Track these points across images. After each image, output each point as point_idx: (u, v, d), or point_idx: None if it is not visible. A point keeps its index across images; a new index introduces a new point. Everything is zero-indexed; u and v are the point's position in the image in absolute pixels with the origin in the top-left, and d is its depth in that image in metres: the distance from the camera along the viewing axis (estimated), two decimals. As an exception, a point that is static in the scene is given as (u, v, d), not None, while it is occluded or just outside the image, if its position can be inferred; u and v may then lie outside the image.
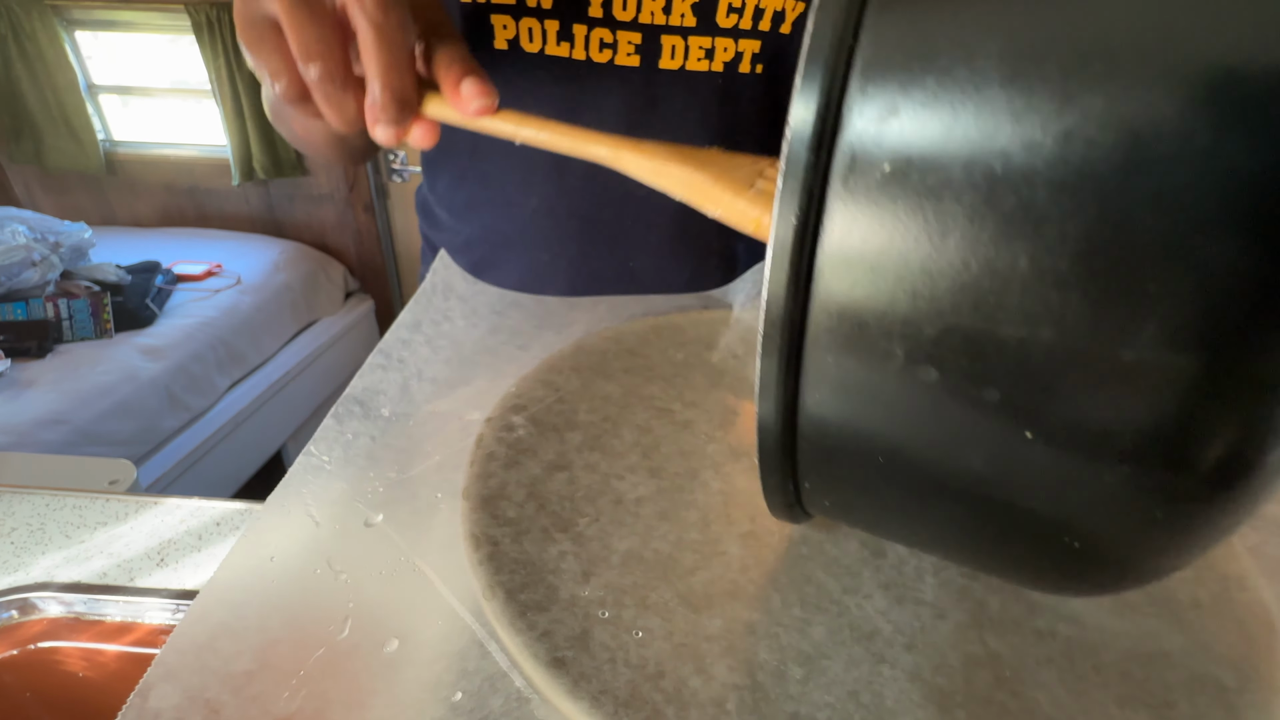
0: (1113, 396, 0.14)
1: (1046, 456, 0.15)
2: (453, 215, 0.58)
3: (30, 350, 1.50)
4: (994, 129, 0.14)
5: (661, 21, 0.47)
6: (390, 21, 0.28)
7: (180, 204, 2.31)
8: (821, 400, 0.18)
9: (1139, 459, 0.14)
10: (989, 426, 0.16)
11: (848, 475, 0.19)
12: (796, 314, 0.17)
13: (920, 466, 0.17)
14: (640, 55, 0.48)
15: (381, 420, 0.36)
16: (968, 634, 0.26)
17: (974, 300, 0.15)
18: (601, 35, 0.47)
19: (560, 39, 0.47)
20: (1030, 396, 0.15)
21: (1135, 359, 0.14)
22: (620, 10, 0.46)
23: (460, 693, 0.24)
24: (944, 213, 0.15)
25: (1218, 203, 0.12)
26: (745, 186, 0.29)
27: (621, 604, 0.27)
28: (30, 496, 0.50)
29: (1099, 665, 0.25)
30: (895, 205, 0.15)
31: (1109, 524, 0.16)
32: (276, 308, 1.90)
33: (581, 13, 0.46)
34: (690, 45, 0.48)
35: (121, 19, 2.09)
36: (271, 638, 0.26)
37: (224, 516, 0.49)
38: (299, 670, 0.25)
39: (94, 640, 0.42)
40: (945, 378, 0.15)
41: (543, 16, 0.46)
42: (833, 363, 0.17)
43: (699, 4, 0.47)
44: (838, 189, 0.16)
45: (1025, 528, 0.17)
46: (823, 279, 0.16)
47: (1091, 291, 0.14)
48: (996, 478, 0.16)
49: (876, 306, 0.16)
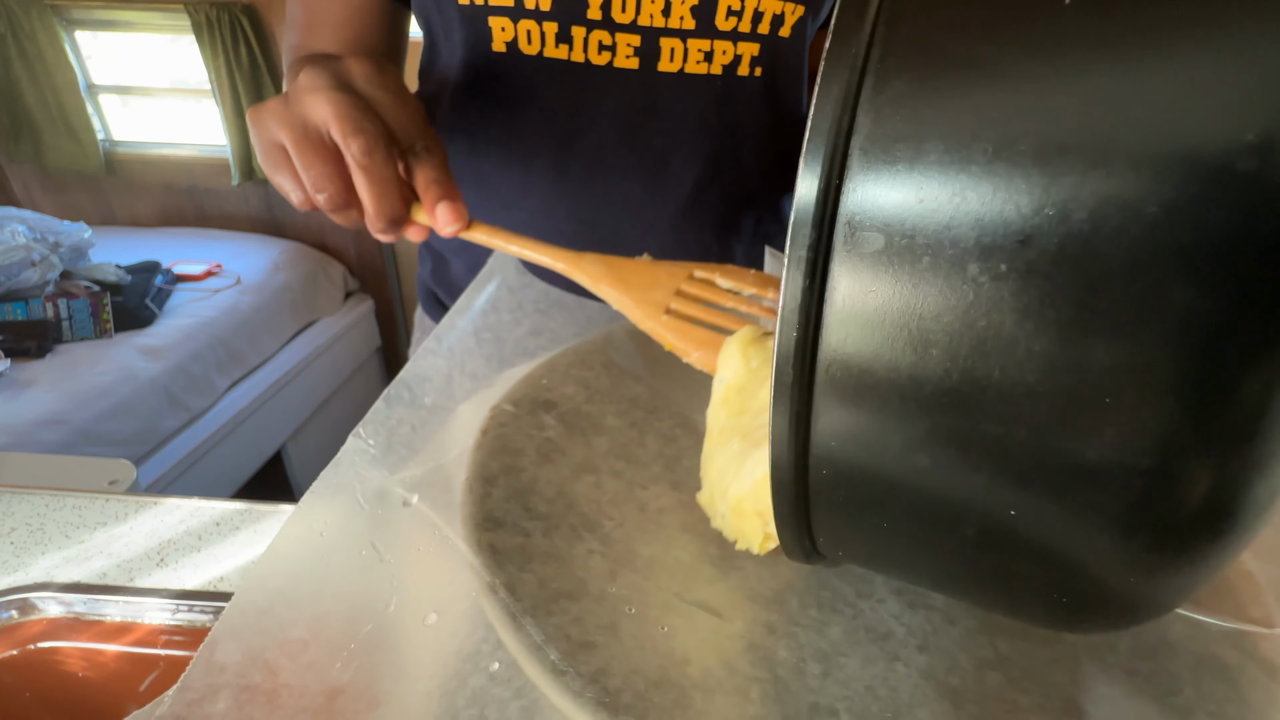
0: (1093, 453, 0.15)
1: (1036, 525, 0.16)
2: None
3: (30, 350, 1.50)
4: (977, 209, 0.15)
5: (661, 24, 0.47)
6: (375, 161, 0.33)
7: (180, 204, 2.31)
8: (831, 458, 0.19)
9: (1125, 524, 0.15)
10: (979, 498, 0.17)
11: (855, 532, 0.21)
12: (805, 372, 0.18)
13: (921, 527, 0.19)
14: (639, 58, 0.48)
15: (423, 410, 0.37)
16: (978, 639, 0.27)
17: (955, 396, 0.16)
18: (600, 37, 0.47)
19: (559, 41, 0.47)
20: (1012, 483, 0.16)
21: (1108, 436, 0.15)
22: (619, 12, 0.46)
23: (497, 663, 0.24)
24: (930, 288, 0.16)
25: (1179, 253, 0.13)
26: (659, 310, 0.33)
27: (647, 603, 0.28)
28: (30, 497, 0.50)
29: (1105, 664, 0.26)
30: (888, 275, 0.16)
31: (1106, 578, 0.17)
32: (276, 308, 1.90)
33: (580, 15, 0.46)
34: (689, 48, 0.48)
35: (121, 19, 2.09)
36: (323, 610, 0.28)
37: (224, 517, 0.49)
38: (349, 644, 0.26)
39: (94, 640, 0.42)
40: (936, 459, 0.17)
41: (541, 18, 0.46)
42: (838, 428, 0.18)
43: (698, 7, 0.47)
44: (840, 255, 0.17)
45: (1026, 583, 0.18)
46: (828, 339, 0.18)
47: (1061, 349, 0.15)
48: (992, 541, 0.17)
49: (878, 372, 0.17)
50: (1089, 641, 0.26)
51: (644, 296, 0.33)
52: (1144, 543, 0.16)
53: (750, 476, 0.28)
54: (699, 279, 0.34)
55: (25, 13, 1.98)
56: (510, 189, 0.53)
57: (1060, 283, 0.14)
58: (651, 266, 0.35)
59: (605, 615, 0.27)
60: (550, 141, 0.51)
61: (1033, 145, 0.15)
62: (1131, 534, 0.16)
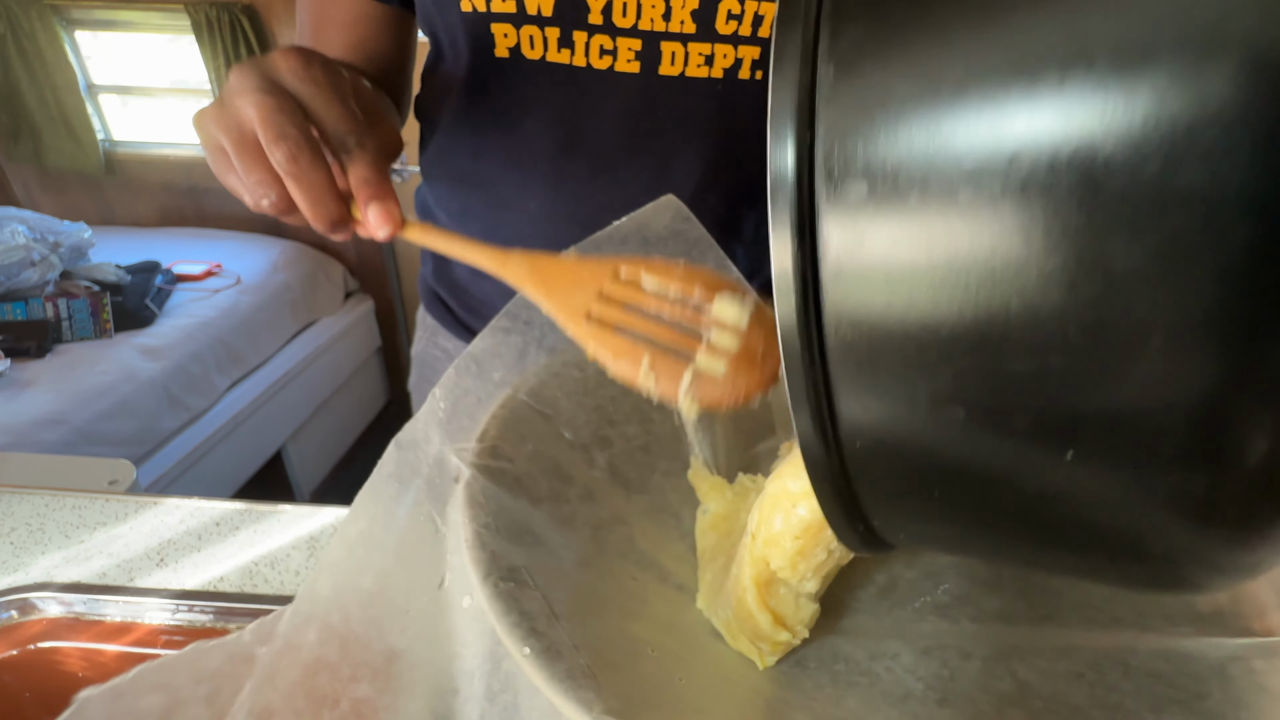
0: (1138, 402, 0.14)
1: (1090, 473, 0.15)
2: (451, 217, 0.58)
3: (29, 350, 1.50)
4: (955, 135, 0.14)
5: (661, 28, 0.47)
6: (300, 167, 0.32)
7: (180, 204, 2.31)
8: (861, 428, 0.18)
9: (1183, 465, 0.14)
10: (1026, 447, 0.15)
11: (909, 506, 0.19)
12: (814, 340, 0.17)
13: (973, 489, 0.17)
14: (640, 62, 0.48)
15: (491, 384, 0.36)
16: (995, 669, 0.26)
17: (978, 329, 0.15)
18: (602, 42, 0.47)
19: (561, 46, 0.47)
20: (1056, 425, 0.15)
21: (1152, 367, 0.13)
22: (620, 17, 0.46)
23: (528, 648, 0.24)
24: (924, 224, 0.15)
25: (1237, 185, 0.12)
26: (580, 314, 0.31)
27: (665, 648, 0.28)
28: (30, 497, 0.50)
29: (1128, 670, 0.25)
30: (879, 220, 0.16)
31: (1176, 532, 0.15)
32: (276, 308, 1.90)
33: (582, 20, 0.46)
34: (690, 52, 0.48)
35: (121, 19, 2.09)
36: (388, 566, 0.29)
37: (223, 517, 0.49)
38: (407, 610, 0.28)
39: (93, 640, 0.42)
40: (970, 408, 0.16)
41: (543, 24, 0.46)
42: (861, 393, 0.17)
43: (698, 11, 0.47)
44: (826, 210, 0.16)
45: (1095, 543, 0.17)
46: (830, 300, 0.17)
47: (1077, 266, 0.13)
48: (1050, 496, 0.16)
49: (889, 325, 0.16)
50: (1108, 647, 0.26)
51: (566, 300, 0.32)
52: (1202, 491, 0.14)
53: (728, 604, 0.29)
54: (624, 280, 0.33)
55: (25, 12, 1.98)
56: (511, 192, 0.53)
57: (1060, 194, 0.13)
58: (575, 265, 0.33)
59: (628, 647, 0.26)
60: (551, 145, 0.51)
61: (998, 61, 0.14)
62: (1188, 480, 0.14)
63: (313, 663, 0.27)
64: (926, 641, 0.28)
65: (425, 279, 0.65)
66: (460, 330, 0.62)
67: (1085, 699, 0.24)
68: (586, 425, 0.36)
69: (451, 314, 0.63)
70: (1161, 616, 0.27)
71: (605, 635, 0.26)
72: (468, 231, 0.57)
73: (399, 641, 0.27)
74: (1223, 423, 0.13)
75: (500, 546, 0.27)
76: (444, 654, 0.26)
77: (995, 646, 0.27)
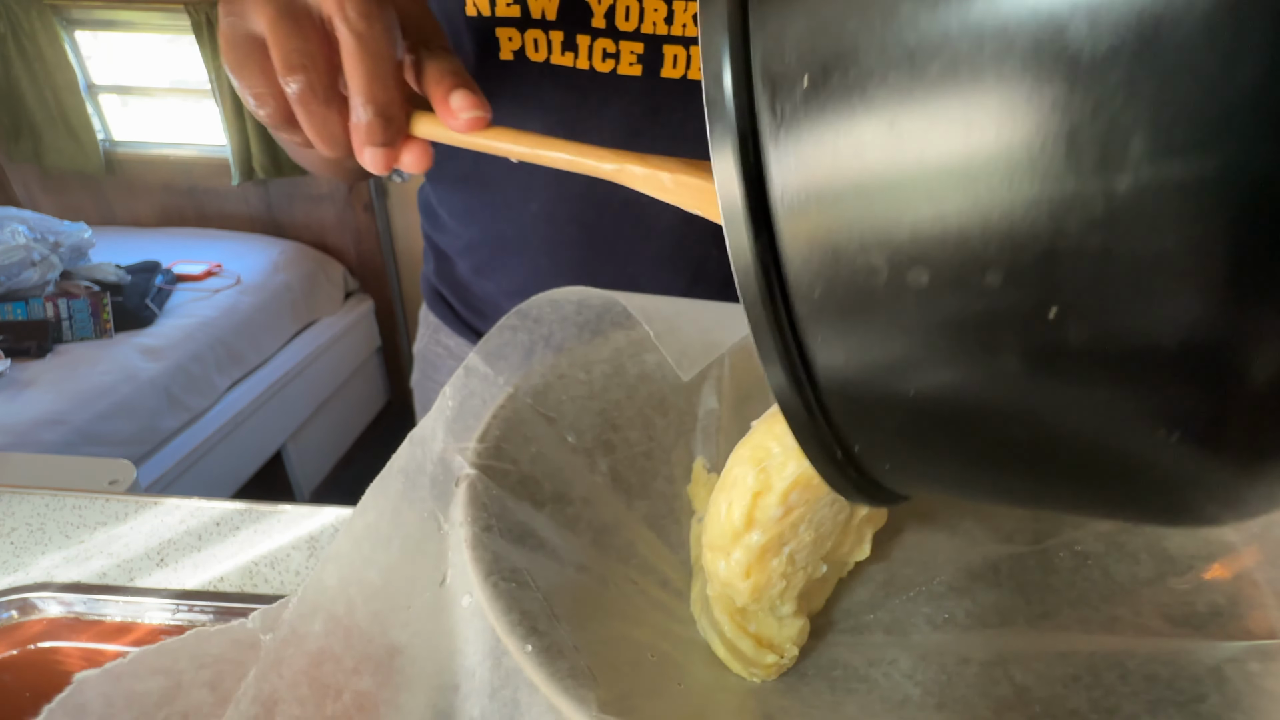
0: (1139, 311, 0.12)
1: (1090, 393, 0.13)
2: (454, 217, 0.58)
3: (30, 350, 1.50)
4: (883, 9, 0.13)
5: (664, 31, 0.47)
6: (374, 30, 0.26)
7: (180, 204, 2.31)
8: (829, 353, 0.16)
9: (1189, 382, 0.12)
10: (1005, 316, 0.13)
11: (889, 428, 0.17)
12: (769, 263, 0.15)
13: (966, 418, 0.15)
14: (642, 65, 0.48)
15: (497, 387, 0.35)
16: (994, 673, 0.26)
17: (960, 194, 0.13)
18: (605, 45, 0.47)
19: (565, 49, 0.47)
20: (1036, 284, 0.12)
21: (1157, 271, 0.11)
22: (623, 20, 0.46)
23: (530, 645, 0.24)
24: (871, 113, 0.13)
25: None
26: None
27: (664, 653, 0.27)
28: (30, 496, 0.50)
29: (1125, 673, 0.25)
30: (826, 114, 0.14)
31: (1183, 458, 0.13)
32: (276, 308, 1.90)
33: (585, 23, 0.46)
34: (692, 55, 0.48)
35: (121, 19, 2.09)
36: (393, 560, 0.29)
37: (223, 516, 0.49)
38: (409, 605, 0.28)
39: (94, 640, 0.42)
40: (936, 276, 0.13)
41: (548, 28, 0.46)
42: (822, 299, 0.15)
43: None
44: (766, 121, 0.15)
45: (1097, 471, 0.15)
46: (782, 218, 0.15)
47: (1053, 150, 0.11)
48: (1048, 417, 0.14)
49: (846, 224, 0.14)
50: (1104, 650, 0.26)
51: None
52: (1209, 412, 0.12)
53: (714, 628, 0.28)
54: None
55: (25, 13, 1.98)
56: (515, 193, 0.54)
57: (1016, 65, 0.11)
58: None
59: (630, 651, 0.26)
60: None
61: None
62: (1195, 399, 0.12)
63: (317, 652, 0.27)
64: (924, 647, 0.28)
65: (427, 277, 0.65)
66: (462, 328, 0.63)
67: (1083, 702, 0.24)
68: (590, 429, 0.36)
69: (453, 311, 0.63)
70: (1160, 616, 0.27)
71: (605, 638, 0.26)
72: (470, 232, 0.58)
73: (400, 636, 0.27)
74: (1232, 336, 0.12)
75: (501, 547, 0.27)
76: (445, 650, 0.27)
77: (993, 651, 0.27)
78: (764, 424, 0.25)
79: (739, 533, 0.24)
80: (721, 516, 0.25)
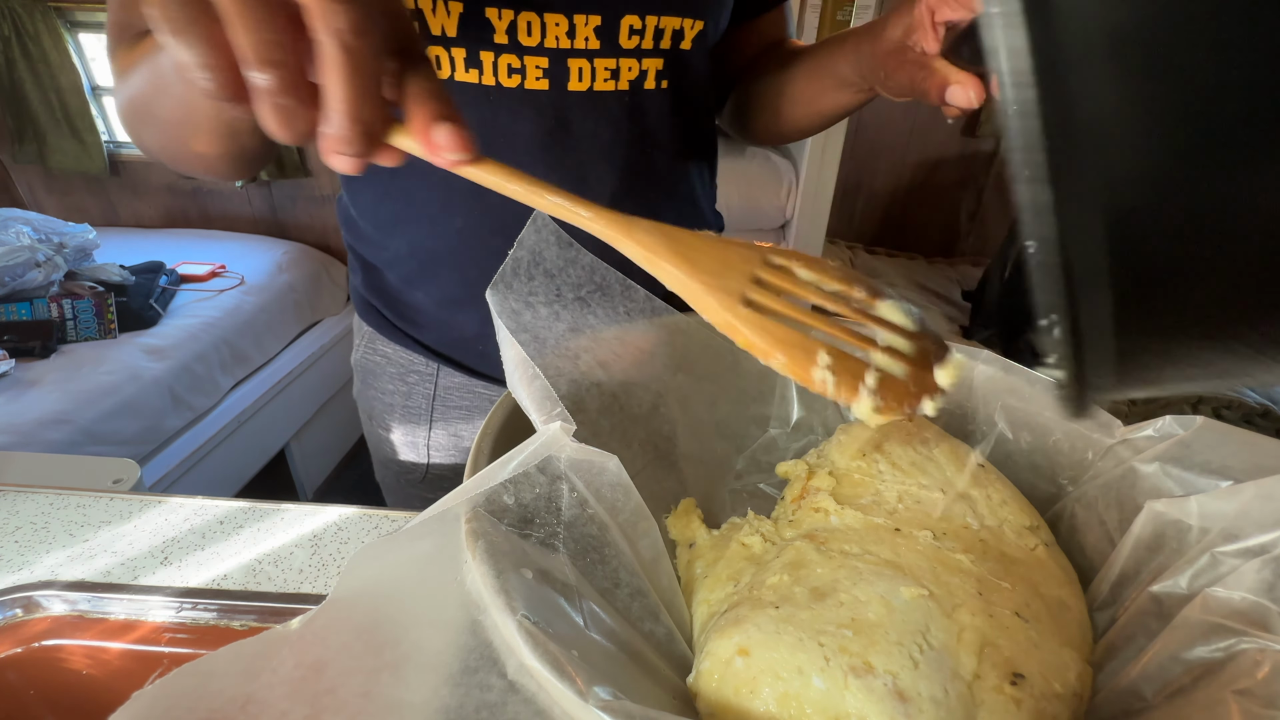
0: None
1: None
2: (378, 230, 0.58)
3: (34, 350, 1.50)
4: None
5: (567, 45, 0.48)
6: (365, 47, 0.24)
7: (184, 205, 2.32)
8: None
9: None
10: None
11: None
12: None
13: None
14: (549, 79, 0.49)
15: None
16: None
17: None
18: (509, 61, 0.47)
19: (469, 66, 0.47)
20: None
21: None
22: (525, 36, 0.47)
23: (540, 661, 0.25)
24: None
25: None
26: (735, 299, 0.27)
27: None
28: (34, 495, 0.51)
29: None
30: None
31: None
32: (279, 308, 1.91)
33: (487, 40, 0.46)
34: (596, 67, 0.49)
35: (125, 20, 2.09)
36: (425, 552, 0.29)
37: (227, 515, 0.49)
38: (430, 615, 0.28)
39: (98, 638, 0.42)
40: None
41: (449, 44, 0.47)
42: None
43: (601, 28, 0.48)
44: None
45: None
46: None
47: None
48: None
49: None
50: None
51: (716, 282, 0.28)
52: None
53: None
54: (776, 265, 0.29)
55: (29, 15, 1.99)
56: (436, 206, 0.54)
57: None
58: (721, 245, 0.29)
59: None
60: None
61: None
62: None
63: (358, 629, 0.27)
64: None
65: (356, 288, 0.64)
66: (397, 335, 0.62)
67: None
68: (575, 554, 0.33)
69: (386, 320, 0.62)
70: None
71: (617, 677, 0.26)
72: (396, 244, 0.57)
73: (420, 639, 0.27)
74: None
75: (520, 588, 0.27)
76: (460, 664, 0.26)
77: None
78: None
79: None
80: None
